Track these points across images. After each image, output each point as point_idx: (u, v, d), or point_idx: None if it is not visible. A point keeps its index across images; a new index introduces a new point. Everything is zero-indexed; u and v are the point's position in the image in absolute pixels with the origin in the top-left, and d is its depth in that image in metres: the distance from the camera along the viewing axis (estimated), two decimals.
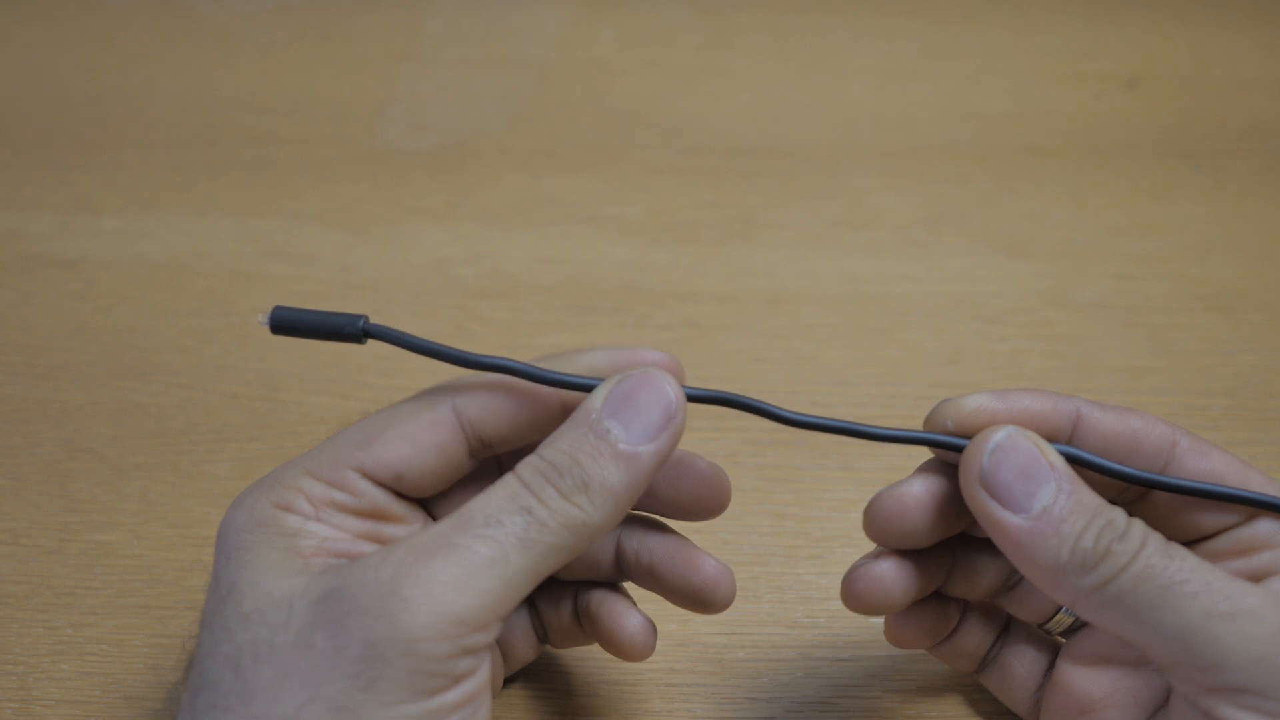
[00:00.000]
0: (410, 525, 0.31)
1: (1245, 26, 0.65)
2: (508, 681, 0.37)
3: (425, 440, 0.30)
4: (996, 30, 0.65)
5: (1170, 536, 0.28)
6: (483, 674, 0.27)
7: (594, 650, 0.38)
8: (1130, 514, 0.28)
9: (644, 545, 0.33)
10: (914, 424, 0.45)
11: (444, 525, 0.27)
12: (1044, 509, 0.27)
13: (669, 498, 0.32)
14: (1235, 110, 0.59)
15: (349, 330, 0.30)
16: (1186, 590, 0.26)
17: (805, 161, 0.57)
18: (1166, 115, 0.59)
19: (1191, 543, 0.30)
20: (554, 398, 0.30)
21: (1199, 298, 0.50)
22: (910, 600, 0.32)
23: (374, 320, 0.31)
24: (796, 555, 0.41)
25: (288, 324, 0.31)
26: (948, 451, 0.30)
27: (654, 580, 0.33)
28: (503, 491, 0.27)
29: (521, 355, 0.49)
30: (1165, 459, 0.30)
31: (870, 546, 0.32)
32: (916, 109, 0.60)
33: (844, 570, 0.41)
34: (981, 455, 0.28)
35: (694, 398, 0.30)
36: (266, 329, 0.31)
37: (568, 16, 0.66)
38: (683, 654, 0.38)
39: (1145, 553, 0.27)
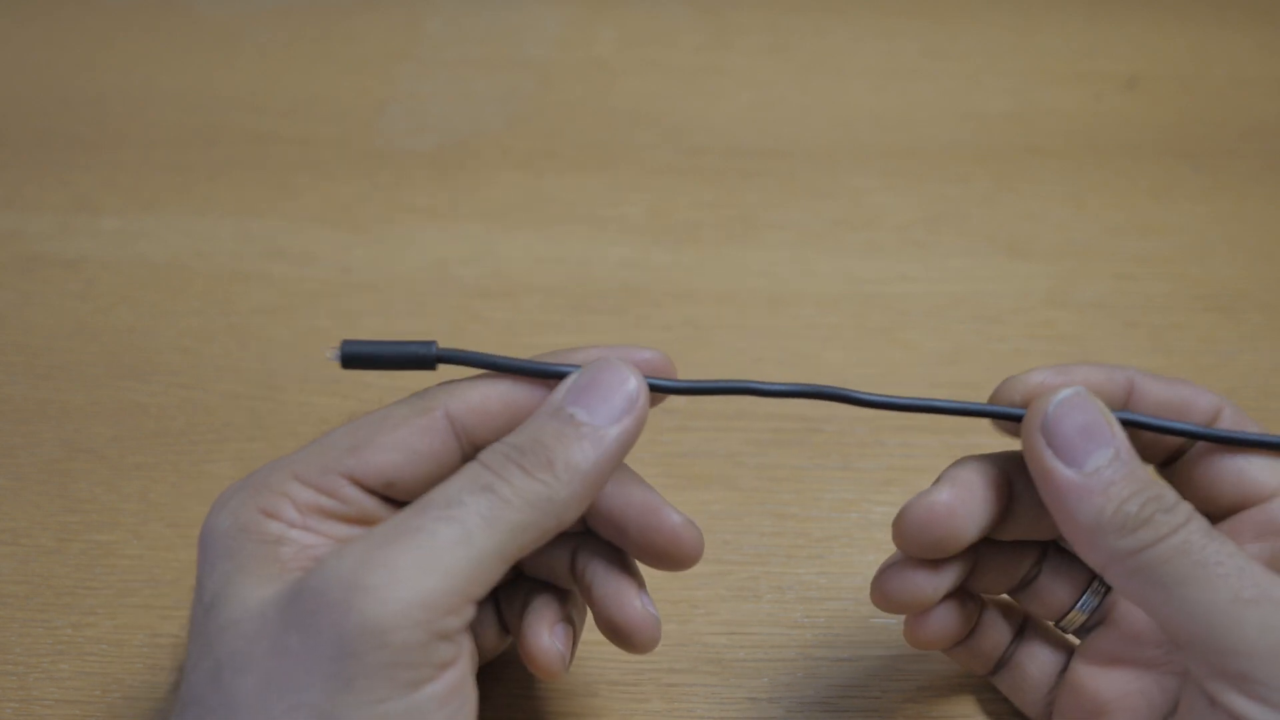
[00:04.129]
0: None
1: (1245, 26, 0.65)
2: (505, 682, 0.37)
3: (417, 447, 0.29)
4: (996, 30, 0.65)
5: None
6: (464, 664, 0.27)
7: (594, 650, 0.38)
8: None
9: (611, 496, 0.32)
10: (915, 423, 0.45)
11: (405, 512, 0.27)
12: (1096, 469, 0.28)
13: (639, 541, 0.32)
14: (1235, 110, 0.59)
15: (421, 356, 0.30)
16: (1219, 571, 0.27)
17: (805, 161, 0.57)
18: (1166, 115, 0.59)
19: (1212, 522, 0.30)
20: (545, 395, 0.30)
21: (1199, 298, 0.50)
22: (939, 598, 0.32)
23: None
24: (796, 555, 0.41)
25: (359, 358, 0.30)
26: (1009, 423, 0.31)
27: (619, 532, 0.32)
28: (464, 475, 0.27)
29: (521, 355, 0.49)
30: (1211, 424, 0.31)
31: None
32: (916, 109, 0.60)
33: (844, 570, 0.41)
34: (1048, 405, 0.29)
35: (780, 392, 0.31)
36: (332, 362, 0.30)
37: (568, 16, 0.66)
38: (683, 654, 0.38)
39: (1188, 528, 0.27)
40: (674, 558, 0.31)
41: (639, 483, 0.32)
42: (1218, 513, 0.31)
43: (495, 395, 0.30)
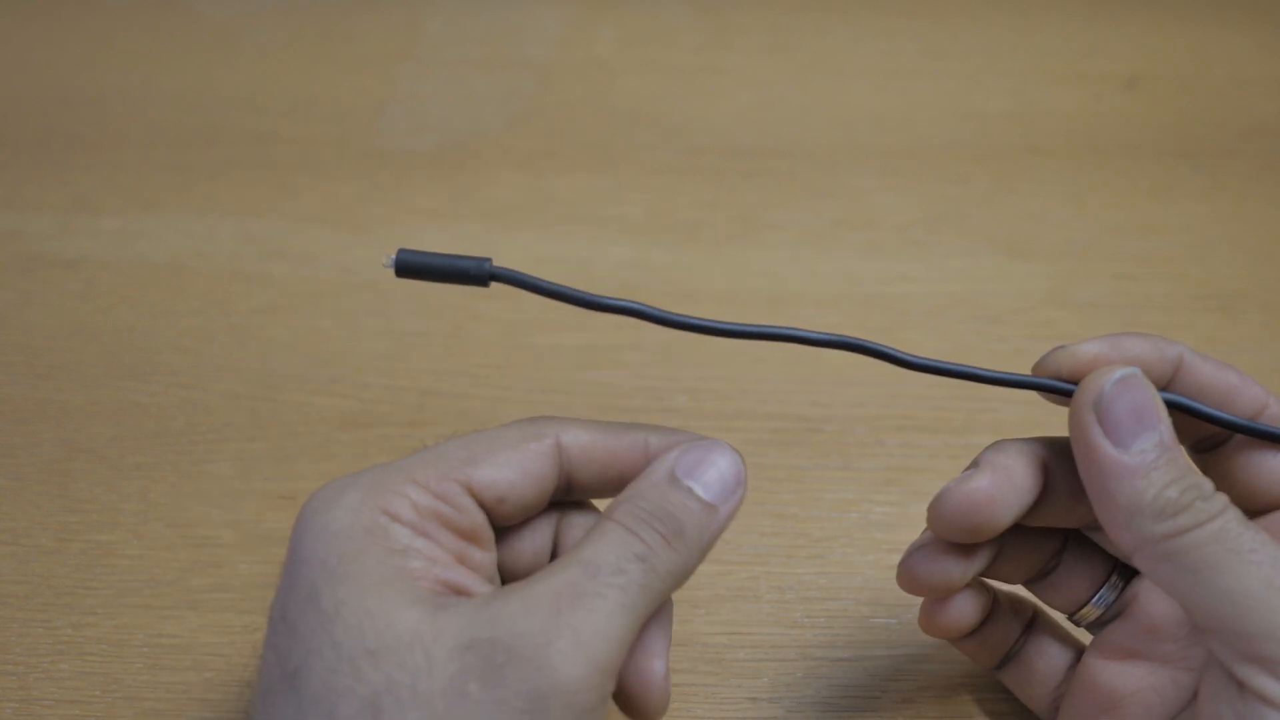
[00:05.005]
0: (490, 554, 0.30)
1: (1245, 26, 0.65)
2: None
3: (531, 469, 0.30)
4: (996, 30, 0.65)
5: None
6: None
7: None
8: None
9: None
10: (915, 423, 0.45)
11: (571, 573, 0.27)
12: (1142, 452, 0.28)
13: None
14: (1235, 110, 0.59)
15: (474, 273, 0.30)
16: (1254, 559, 0.27)
17: (805, 161, 0.57)
18: (1166, 115, 0.59)
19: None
20: (642, 453, 0.31)
21: (1199, 298, 0.50)
22: (965, 583, 0.32)
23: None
24: (796, 555, 0.41)
25: (413, 267, 0.30)
26: (1056, 395, 0.31)
27: None
28: (617, 538, 0.28)
29: (522, 354, 0.49)
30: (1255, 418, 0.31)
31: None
32: (916, 109, 0.60)
33: (844, 570, 0.41)
34: (1105, 381, 0.29)
35: (819, 341, 0.31)
36: (387, 269, 0.31)
37: (568, 16, 0.66)
38: (683, 654, 0.38)
39: (1224, 516, 0.27)
40: (636, 705, 0.30)
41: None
42: (1253, 508, 0.31)
43: (603, 441, 0.31)
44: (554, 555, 0.32)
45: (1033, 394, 0.31)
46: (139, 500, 0.43)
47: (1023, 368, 0.49)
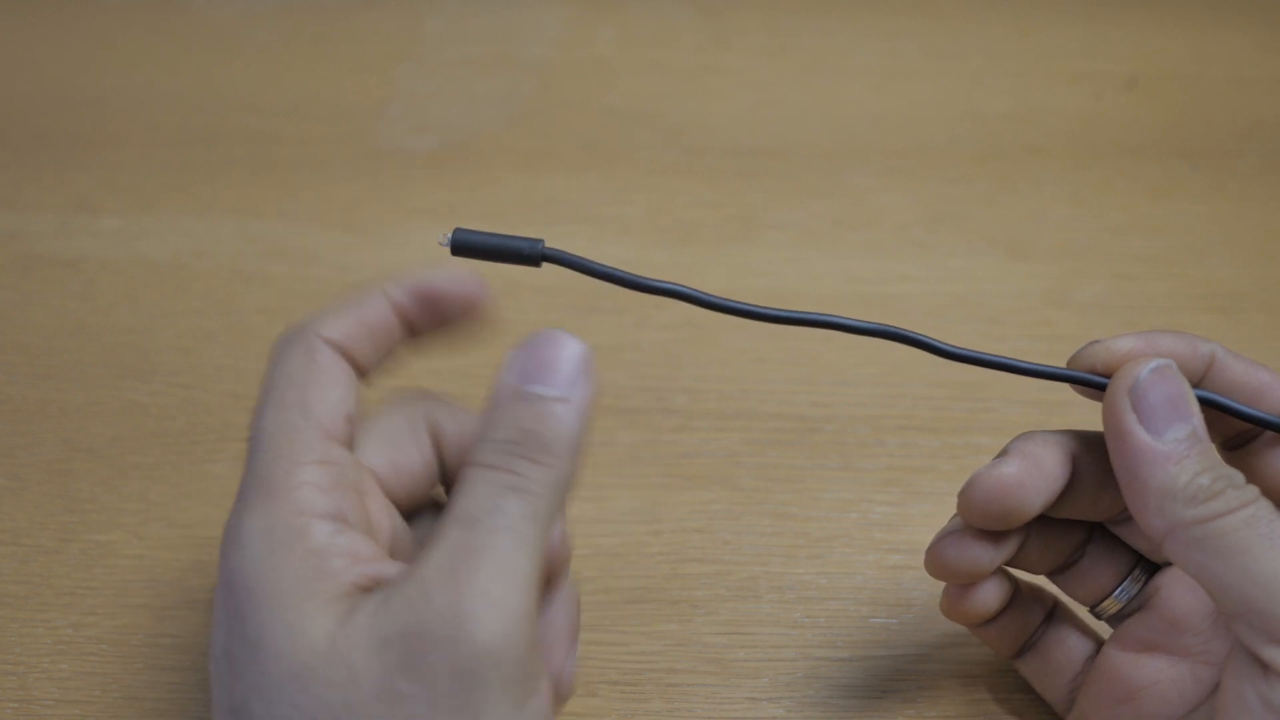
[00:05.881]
0: (386, 503, 0.30)
1: (1245, 26, 0.65)
2: None
3: (369, 319, 0.31)
4: (996, 30, 0.65)
5: None
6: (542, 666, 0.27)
7: (594, 651, 0.38)
8: None
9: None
10: (915, 423, 0.45)
11: (454, 534, 0.26)
12: (1175, 440, 0.28)
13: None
14: (1235, 110, 0.59)
15: (528, 253, 0.31)
16: None
17: (805, 161, 0.57)
18: (1166, 115, 0.59)
19: None
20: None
21: (1199, 298, 0.50)
22: (993, 569, 0.32)
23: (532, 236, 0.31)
24: (796, 555, 0.41)
25: (467, 246, 0.31)
26: (1090, 389, 0.31)
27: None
28: (482, 481, 0.27)
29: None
30: None
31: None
32: (916, 109, 0.60)
33: (844, 570, 0.41)
34: (1141, 369, 0.29)
35: (860, 329, 0.31)
36: (443, 247, 0.31)
37: (568, 16, 0.66)
38: (683, 654, 0.38)
39: (1258, 504, 0.28)
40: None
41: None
42: None
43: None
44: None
45: (1034, 395, 0.32)
46: (139, 500, 0.43)
47: None
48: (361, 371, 0.31)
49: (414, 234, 0.53)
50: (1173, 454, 0.28)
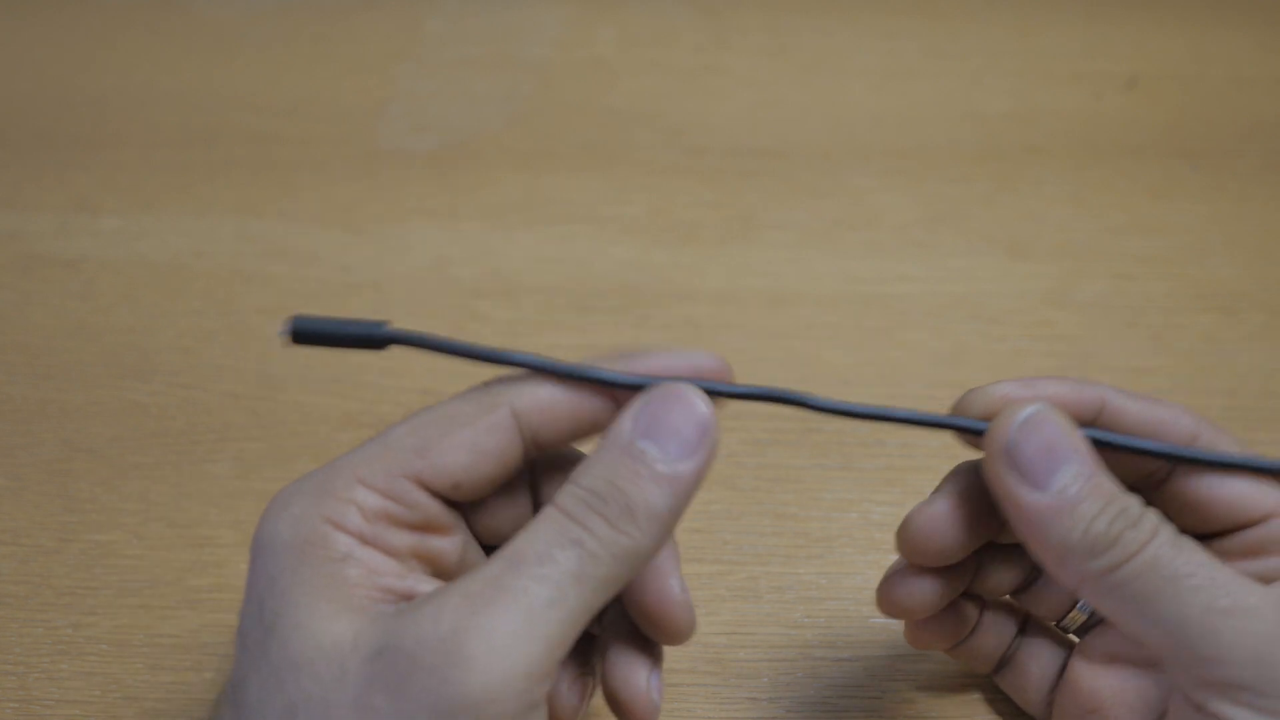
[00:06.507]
0: (453, 536, 0.29)
1: (1245, 26, 0.65)
2: None
3: (485, 446, 0.28)
4: (996, 30, 0.65)
5: (1183, 530, 0.28)
6: None
7: None
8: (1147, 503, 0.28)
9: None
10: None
11: (494, 568, 0.25)
12: (1062, 488, 0.27)
13: (637, 603, 0.30)
14: (1235, 110, 0.59)
15: (372, 335, 0.29)
16: (1190, 584, 0.27)
17: (805, 161, 0.57)
18: (1166, 115, 0.59)
19: (1203, 539, 0.30)
20: (611, 401, 0.29)
21: (1199, 298, 0.50)
22: (945, 603, 0.32)
23: (374, 318, 0.30)
24: (796, 555, 0.41)
25: (308, 334, 0.29)
26: (971, 436, 0.30)
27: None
28: (549, 526, 0.26)
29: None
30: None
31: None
32: (916, 109, 0.60)
33: (844, 570, 0.41)
34: (1009, 428, 0.28)
35: (734, 394, 0.29)
36: (282, 338, 0.29)
37: (568, 16, 0.66)
38: (683, 654, 0.38)
39: (1155, 543, 0.27)
40: (661, 627, 0.29)
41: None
42: (1210, 532, 0.30)
43: (563, 397, 0.28)
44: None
45: None
46: (139, 500, 0.43)
47: (1023, 368, 0.49)
48: (536, 448, 0.29)
49: (414, 234, 0.53)
50: (1063, 506, 0.27)
